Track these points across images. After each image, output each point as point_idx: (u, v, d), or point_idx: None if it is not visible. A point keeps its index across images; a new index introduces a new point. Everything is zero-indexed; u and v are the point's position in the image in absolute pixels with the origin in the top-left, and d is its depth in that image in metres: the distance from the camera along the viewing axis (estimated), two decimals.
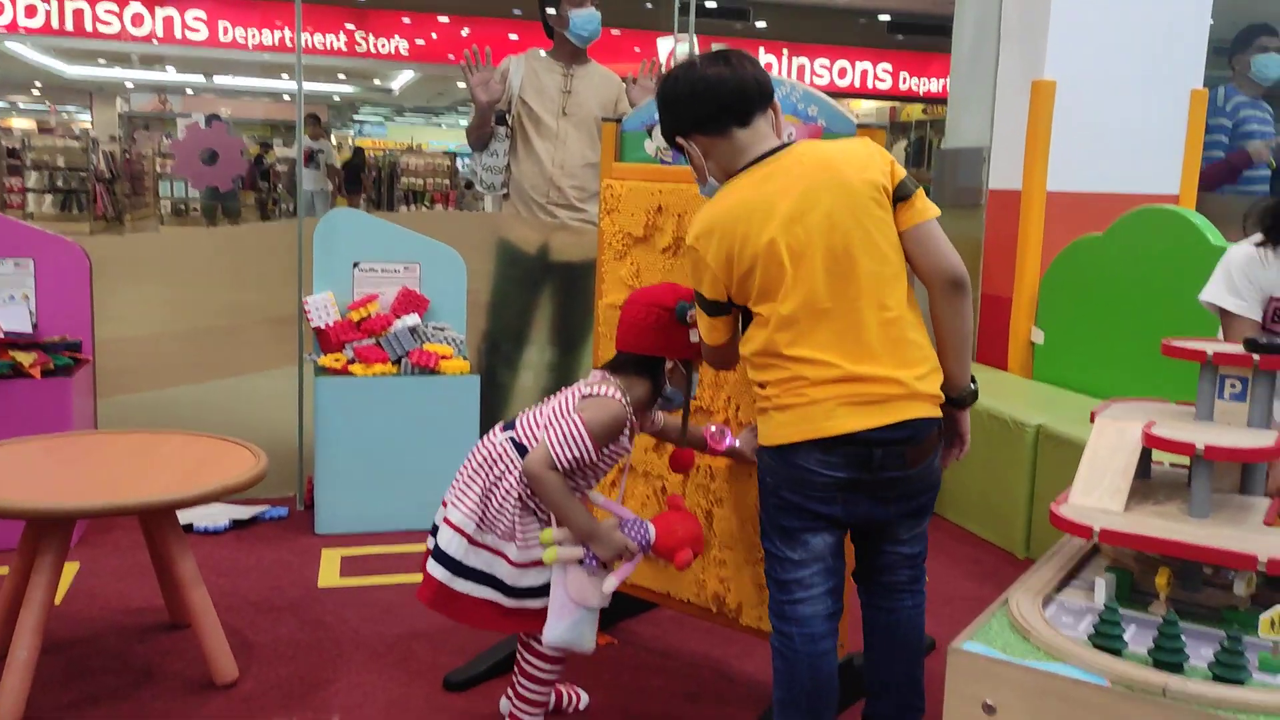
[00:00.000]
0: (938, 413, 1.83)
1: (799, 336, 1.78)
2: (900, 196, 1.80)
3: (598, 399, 2.01)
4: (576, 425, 1.97)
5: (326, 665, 2.53)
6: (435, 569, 2.08)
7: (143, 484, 2.36)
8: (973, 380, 1.91)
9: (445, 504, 2.11)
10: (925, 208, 1.81)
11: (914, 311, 1.83)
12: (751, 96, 1.86)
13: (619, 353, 2.10)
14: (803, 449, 1.79)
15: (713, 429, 2.20)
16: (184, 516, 3.36)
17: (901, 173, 1.82)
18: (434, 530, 2.12)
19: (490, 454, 2.08)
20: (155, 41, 12.06)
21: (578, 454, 1.96)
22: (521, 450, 2.03)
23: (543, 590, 2.05)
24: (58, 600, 2.79)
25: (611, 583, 1.99)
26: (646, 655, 2.63)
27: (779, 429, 1.82)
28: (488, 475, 2.06)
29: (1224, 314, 2.21)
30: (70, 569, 3.03)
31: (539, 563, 2.04)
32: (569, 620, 2.01)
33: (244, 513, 3.51)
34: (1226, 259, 2.22)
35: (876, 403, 1.75)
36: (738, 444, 2.20)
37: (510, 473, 2.03)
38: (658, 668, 2.57)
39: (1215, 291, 2.22)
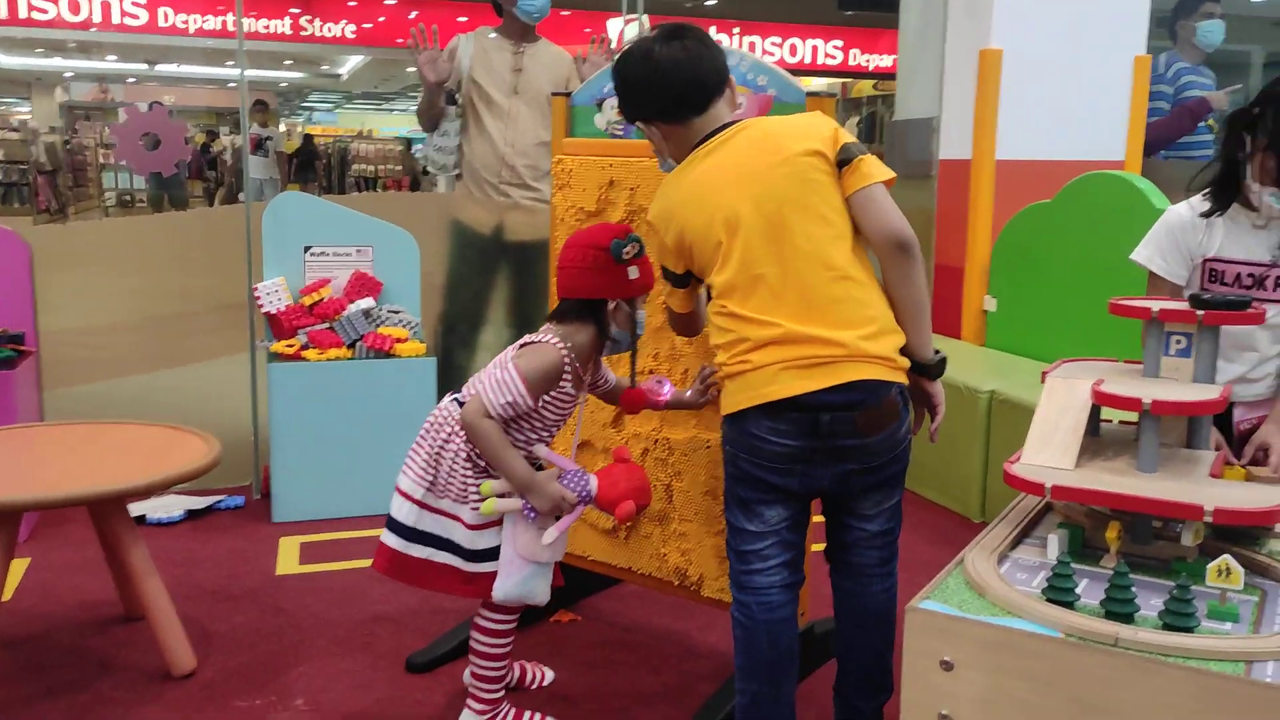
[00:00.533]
0: (893, 376, 1.79)
1: (741, 300, 1.79)
2: (843, 161, 1.80)
3: (533, 346, 2.01)
4: (509, 371, 1.96)
5: (288, 651, 2.51)
6: (388, 537, 2.08)
7: (92, 474, 2.32)
8: (937, 350, 1.89)
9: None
10: (870, 172, 1.79)
11: (866, 272, 1.81)
12: (709, 86, 1.86)
13: (561, 300, 2.08)
14: (751, 416, 1.78)
15: (651, 381, 2.19)
16: (138, 508, 3.31)
17: (846, 138, 1.82)
18: None
19: (436, 418, 2.07)
20: (93, 29, 11.79)
21: (511, 399, 1.95)
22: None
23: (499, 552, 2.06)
24: (8, 596, 2.74)
25: (551, 534, 1.99)
26: (610, 631, 2.64)
27: (730, 397, 1.82)
28: (434, 439, 2.05)
29: (1150, 274, 2.25)
30: (20, 564, 2.98)
31: (494, 524, 2.04)
32: (518, 576, 2.01)
33: (199, 503, 3.46)
34: (1162, 220, 2.25)
35: (819, 365, 1.74)
36: (687, 395, 2.18)
37: (457, 434, 2.02)
38: (621, 642, 2.58)
39: (1144, 252, 2.26)
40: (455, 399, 2.07)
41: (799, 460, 1.79)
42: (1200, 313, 1.79)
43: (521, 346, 2.02)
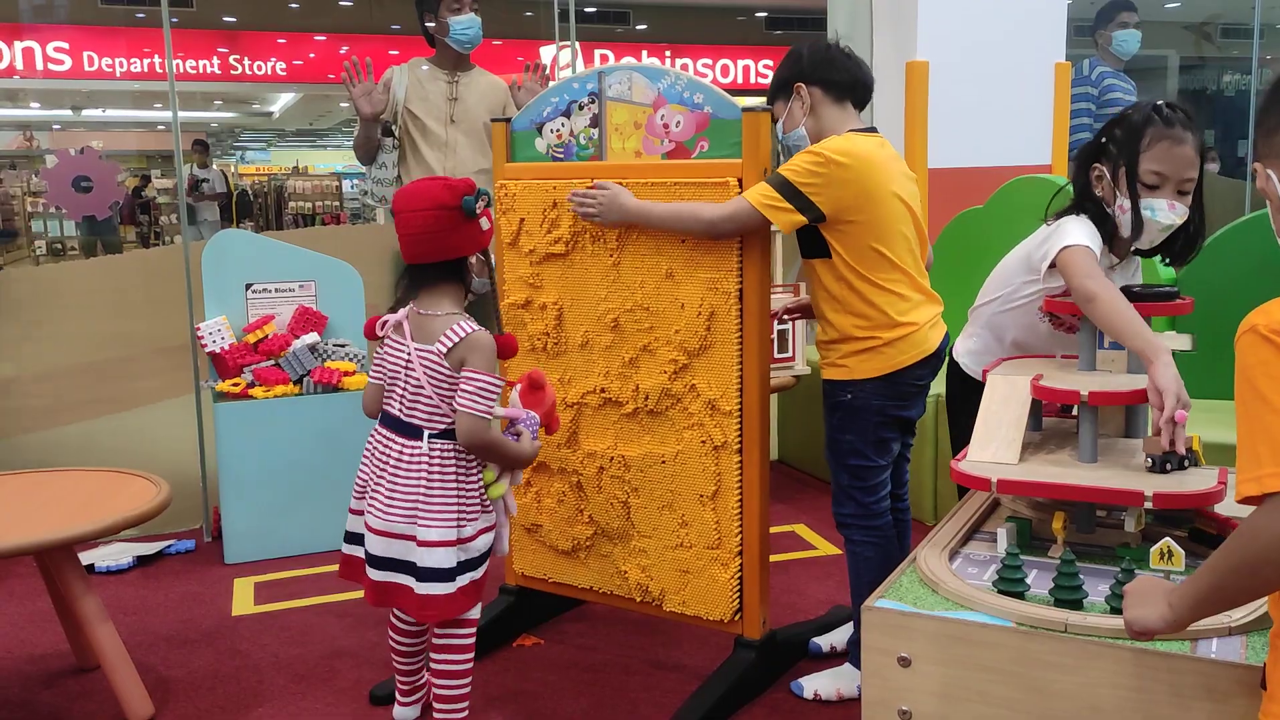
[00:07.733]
0: None
1: (908, 284, 2.20)
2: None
3: (465, 344, 2.01)
4: (481, 380, 1.99)
5: (248, 693, 2.47)
6: (431, 588, 2.02)
7: (36, 523, 2.27)
8: None
9: (374, 529, 2.08)
10: None
11: None
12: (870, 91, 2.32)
13: (412, 267, 2.08)
14: (912, 368, 2.21)
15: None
16: (86, 558, 3.24)
17: None
18: (366, 556, 2.10)
19: (427, 463, 2.04)
20: (16, 76, 11.58)
21: (494, 396, 2.02)
22: (446, 435, 2.04)
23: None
24: None
25: (518, 475, 2.20)
26: (574, 652, 2.64)
27: (894, 359, 2.20)
28: (445, 482, 2.03)
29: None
30: None
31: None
32: (506, 531, 2.19)
33: (149, 549, 3.40)
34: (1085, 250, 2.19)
35: (936, 324, 2.28)
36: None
37: (459, 462, 2.05)
38: (585, 663, 2.58)
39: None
40: (430, 435, 2.04)
41: (925, 392, 2.28)
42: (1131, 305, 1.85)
43: (450, 352, 2.01)
